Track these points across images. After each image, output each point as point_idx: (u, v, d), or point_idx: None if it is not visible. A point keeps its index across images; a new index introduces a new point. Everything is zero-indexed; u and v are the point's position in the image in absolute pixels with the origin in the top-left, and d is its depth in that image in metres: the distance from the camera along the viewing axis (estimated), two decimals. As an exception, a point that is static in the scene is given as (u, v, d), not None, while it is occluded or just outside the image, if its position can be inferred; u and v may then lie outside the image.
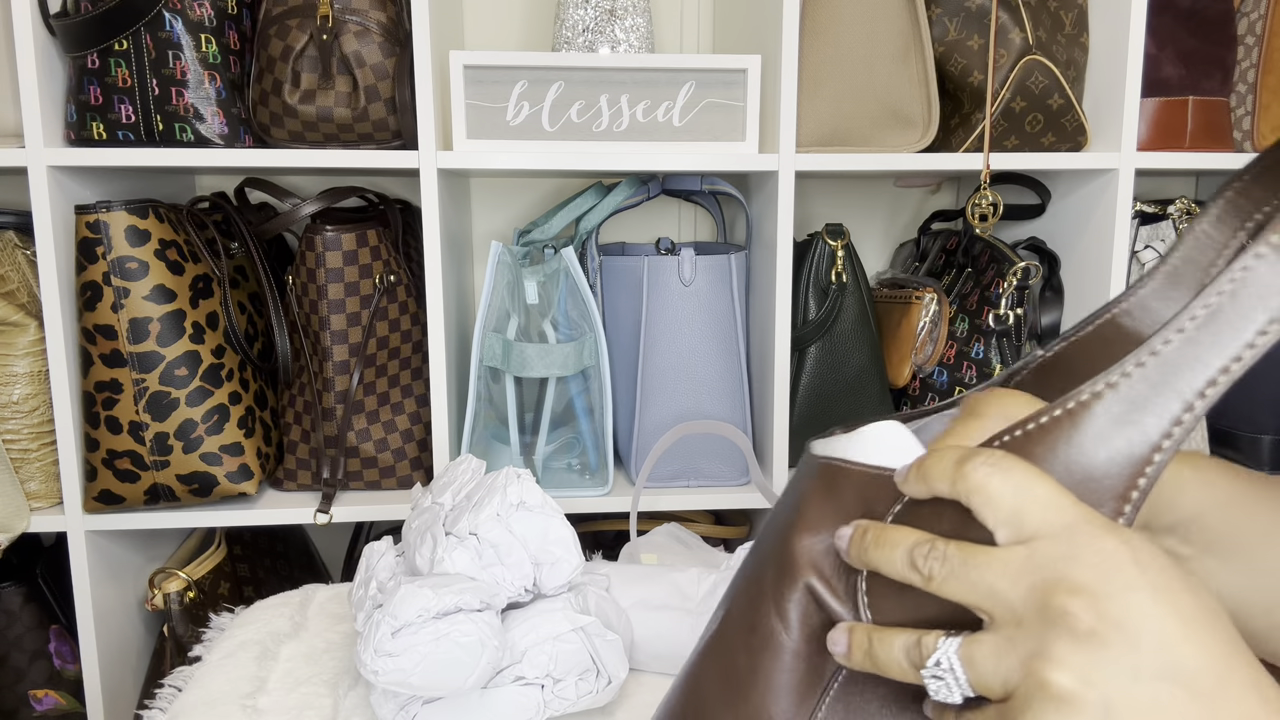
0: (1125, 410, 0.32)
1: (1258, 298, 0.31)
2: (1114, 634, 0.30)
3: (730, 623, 0.41)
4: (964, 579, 0.33)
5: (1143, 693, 0.30)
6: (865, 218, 1.42)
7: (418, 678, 0.57)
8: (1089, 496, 0.33)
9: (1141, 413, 0.32)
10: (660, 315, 1.08)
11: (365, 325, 1.04)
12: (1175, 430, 0.32)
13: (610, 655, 0.63)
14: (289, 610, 0.80)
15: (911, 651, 0.34)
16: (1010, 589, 0.32)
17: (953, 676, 0.33)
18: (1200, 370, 0.32)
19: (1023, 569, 0.32)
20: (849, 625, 0.37)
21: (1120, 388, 0.33)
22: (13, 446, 1.01)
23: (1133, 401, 0.32)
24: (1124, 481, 0.33)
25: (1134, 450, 0.32)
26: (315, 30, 0.97)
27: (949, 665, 0.33)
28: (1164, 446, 0.32)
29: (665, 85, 1.01)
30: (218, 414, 1.00)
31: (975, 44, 1.06)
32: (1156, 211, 1.18)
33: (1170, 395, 0.32)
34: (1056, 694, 0.30)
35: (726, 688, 0.40)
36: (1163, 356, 0.32)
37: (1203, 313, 0.32)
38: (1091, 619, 0.30)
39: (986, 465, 0.33)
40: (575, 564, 0.65)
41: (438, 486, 0.72)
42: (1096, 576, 0.31)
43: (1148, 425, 0.32)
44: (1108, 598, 0.30)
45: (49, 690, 1.09)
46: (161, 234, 0.99)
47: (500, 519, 0.64)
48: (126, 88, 0.97)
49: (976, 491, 0.33)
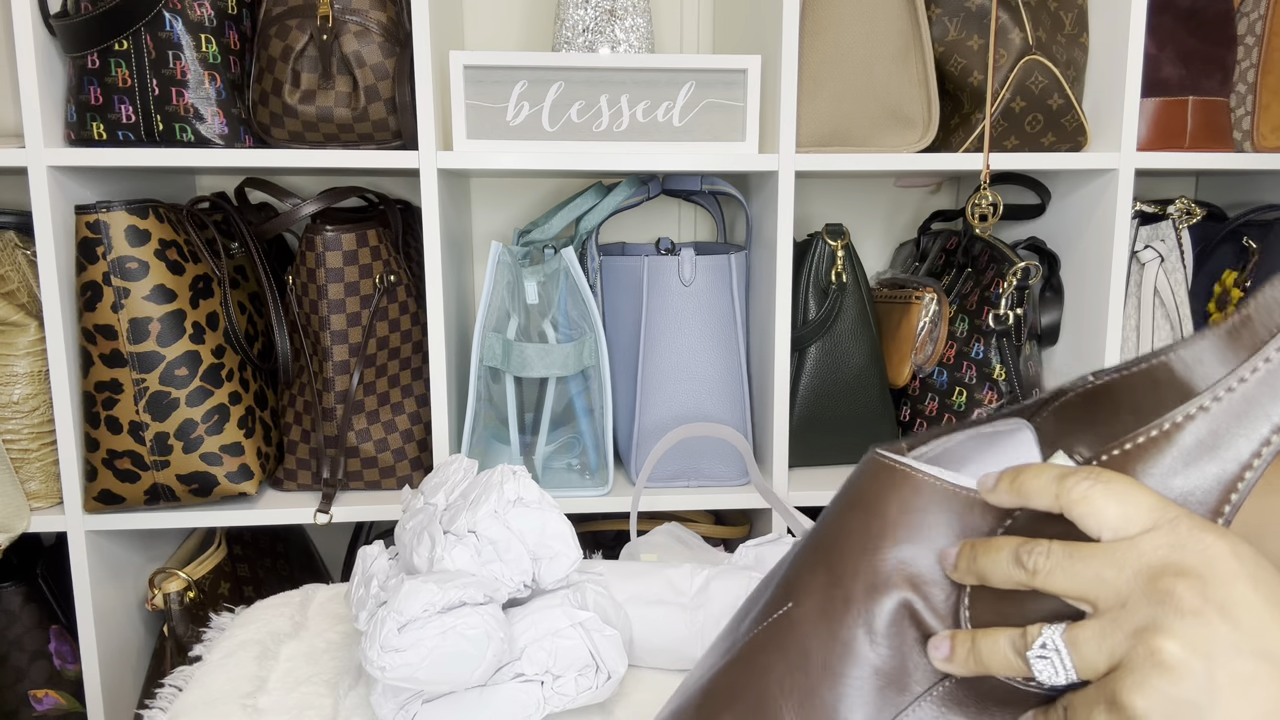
0: (1217, 431, 0.35)
1: None
2: (1217, 614, 0.32)
3: (806, 623, 0.42)
4: (1069, 570, 0.35)
5: (1242, 667, 0.32)
6: (865, 218, 1.42)
7: (425, 671, 0.57)
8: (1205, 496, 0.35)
9: (1232, 434, 0.35)
10: (660, 315, 1.08)
11: (365, 325, 1.04)
12: (1264, 450, 0.34)
13: (609, 650, 0.63)
14: (289, 610, 0.80)
15: (1016, 641, 0.36)
16: (1117, 575, 0.34)
17: (1058, 656, 0.35)
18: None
19: (1128, 557, 0.34)
20: (951, 631, 0.39)
21: (1213, 410, 0.35)
22: (13, 446, 1.01)
23: (1225, 423, 0.35)
24: (1216, 498, 0.35)
25: (1225, 469, 0.35)
26: (315, 30, 0.97)
27: (1055, 646, 0.35)
28: (1254, 465, 0.34)
29: (665, 85, 1.01)
30: (218, 414, 1.00)
31: (975, 44, 1.06)
32: (1156, 211, 1.18)
33: (1260, 418, 0.34)
34: (1164, 660, 0.32)
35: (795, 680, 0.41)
36: (1252, 382, 0.35)
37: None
38: (1197, 599, 0.32)
39: (1089, 480, 0.36)
40: (574, 558, 0.65)
41: (429, 487, 0.72)
42: (1201, 563, 0.33)
43: (1239, 445, 0.35)
44: (1212, 582, 0.33)
45: (49, 690, 1.09)
46: (162, 234, 0.99)
47: (498, 516, 0.64)
48: (127, 88, 0.97)
49: (1080, 503, 0.36)
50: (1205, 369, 0.44)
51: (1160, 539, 0.34)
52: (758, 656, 0.43)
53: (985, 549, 0.38)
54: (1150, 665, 0.32)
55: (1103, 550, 0.35)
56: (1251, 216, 1.21)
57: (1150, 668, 0.32)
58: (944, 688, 0.39)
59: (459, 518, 0.64)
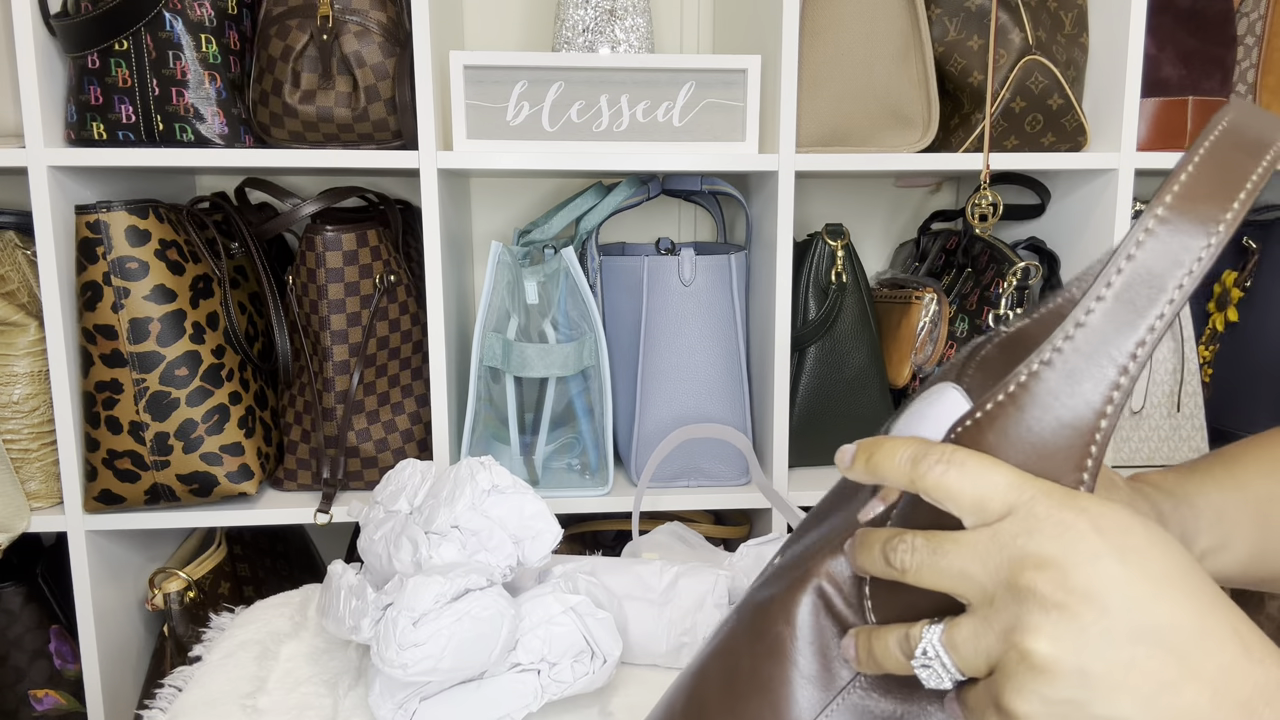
0: (1064, 383, 0.33)
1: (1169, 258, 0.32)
2: (1082, 603, 0.31)
3: (739, 627, 0.41)
4: (934, 567, 0.34)
5: (1118, 656, 0.30)
6: (865, 218, 1.42)
7: (448, 660, 0.57)
8: (1047, 470, 0.34)
9: (1080, 383, 0.33)
10: (660, 315, 1.08)
11: (365, 325, 1.04)
12: (1115, 394, 0.33)
13: (603, 634, 0.64)
14: (289, 610, 0.80)
15: (903, 644, 0.35)
16: (980, 571, 0.33)
17: (939, 663, 0.34)
18: (1128, 333, 0.32)
19: (989, 550, 0.33)
20: (854, 630, 0.38)
21: (1055, 364, 0.33)
22: (13, 446, 1.01)
23: (1070, 374, 0.33)
24: (1078, 450, 0.33)
25: (1080, 419, 0.33)
26: (315, 30, 0.97)
27: (934, 653, 0.34)
28: (1108, 411, 0.33)
29: (665, 85, 1.01)
30: (218, 414, 1.00)
31: (975, 44, 1.06)
32: (1156, 211, 1.17)
33: (1104, 362, 0.33)
34: (1035, 663, 0.31)
35: (728, 692, 0.41)
36: (1089, 327, 0.33)
37: (1118, 279, 0.33)
38: (1058, 591, 0.31)
39: (942, 462, 0.34)
40: (556, 533, 0.66)
41: (385, 496, 0.72)
42: (1059, 549, 0.31)
43: (1088, 393, 0.33)
44: (1072, 568, 0.31)
45: (49, 690, 1.09)
46: (162, 234, 0.99)
47: (476, 507, 0.65)
48: (127, 88, 0.97)
49: (935, 488, 0.34)
50: None
51: (1017, 526, 0.32)
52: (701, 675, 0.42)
53: (860, 542, 0.37)
54: (1024, 669, 0.31)
55: (965, 544, 0.33)
56: (1251, 216, 1.21)
57: (1024, 672, 0.31)
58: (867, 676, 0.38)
59: (437, 516, 0.65)
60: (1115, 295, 0.33)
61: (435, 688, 0.62)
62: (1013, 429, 0.34)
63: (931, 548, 0.34)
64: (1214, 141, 0.34)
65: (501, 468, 0.67)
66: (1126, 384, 0.32)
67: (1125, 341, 0.32)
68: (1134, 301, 0.32)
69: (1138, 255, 0.33)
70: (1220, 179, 0.33)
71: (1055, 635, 0.31)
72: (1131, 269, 0.32)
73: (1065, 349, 0.33)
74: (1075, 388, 0.33)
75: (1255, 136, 0.34)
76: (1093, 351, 0.33)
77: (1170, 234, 0.32)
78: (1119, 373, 0.33)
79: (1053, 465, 0.34)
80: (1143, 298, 0.32)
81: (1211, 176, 0.33)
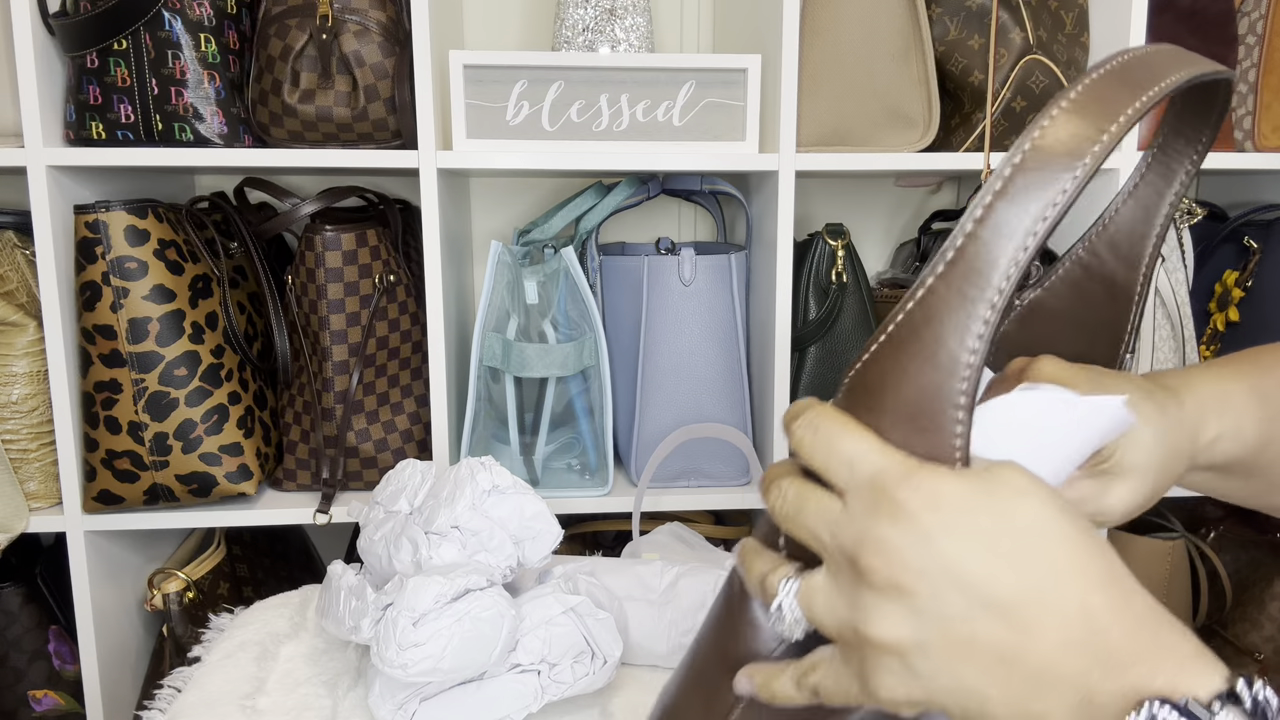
0: (929, 326, 0.33)
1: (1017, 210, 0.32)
2: (917, 583, 0.31)
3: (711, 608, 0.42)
4: (797, 521, 0.35)
5: (955, 631, 0.31)
6: (865, 218, 1.42)
7: (449, 660, 0.57)
8: (925, 415, 0.33)
9: (944, 325, 0.32)
10: (660, 315, 1.08)
11: (365, 325, 1.04)
12: (983, 329, 0.32)
13: (603, 634, 0.64)
14: (288, 611, 0.80)
15: (765, 583, 0.36)
16: (829, 539, 0.34)
17: (794, 618, 0.35)
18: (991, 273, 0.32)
19: (837, 523, 0.33)
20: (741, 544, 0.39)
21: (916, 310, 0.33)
22: (12, 446, 1.01)
23: (931, 317, 0.33)
24: (952, 391, 0.33)
25: (955, 357, 0.33)
26: (315, 30, 0.97)
27: (789, 609, 0.35)
28: (976, 348, 0.32)
29: (665, 85, 1.01)
30: (217, 414, 1.00)
31: (976, 44, 1.06)
32: (1157, 211, 1.17)
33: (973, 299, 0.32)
34: (881, 644, 0.32)
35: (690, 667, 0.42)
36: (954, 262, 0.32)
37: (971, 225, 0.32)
38: (893, 573, 0.31)
39: (801, 426, 0.35)
40: (556, 533, 0.67)
41: (385, 496, 0.72)
42: (893, 531, 0.31)
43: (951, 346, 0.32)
44: (905, 548, 0.31)
45: (48, 690, 1.09)
46: (161, 234, 0.99)
47: (476, 508, 0.65)
48: (126, 87, 0.97)
49: (799, 449, 0.35)
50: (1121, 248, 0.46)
51: (859, 505, 0.33)
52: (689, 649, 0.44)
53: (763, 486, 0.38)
54: (871, 650, 0.32)
55: (820, 507, 0.34)
56: (1252, 216, 1.20)
57: (870, 652, 0.32)
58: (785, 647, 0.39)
59: (437, 516, 0.65)
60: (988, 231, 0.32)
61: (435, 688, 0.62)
62: (891, 378, 0.34)
63: (798, 503, 0.35)
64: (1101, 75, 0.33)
65: (502, 468, 0.67)
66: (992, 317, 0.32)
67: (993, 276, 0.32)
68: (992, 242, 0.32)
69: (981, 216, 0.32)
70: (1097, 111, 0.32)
71: (893, 617, 0.31)
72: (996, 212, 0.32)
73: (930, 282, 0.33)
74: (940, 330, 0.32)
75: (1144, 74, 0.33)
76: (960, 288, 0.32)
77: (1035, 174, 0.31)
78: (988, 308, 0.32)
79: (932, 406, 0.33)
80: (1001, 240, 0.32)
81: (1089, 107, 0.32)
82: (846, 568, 0.33)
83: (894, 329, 0.33)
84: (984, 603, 0.30)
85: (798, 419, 0.35)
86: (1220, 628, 1.22)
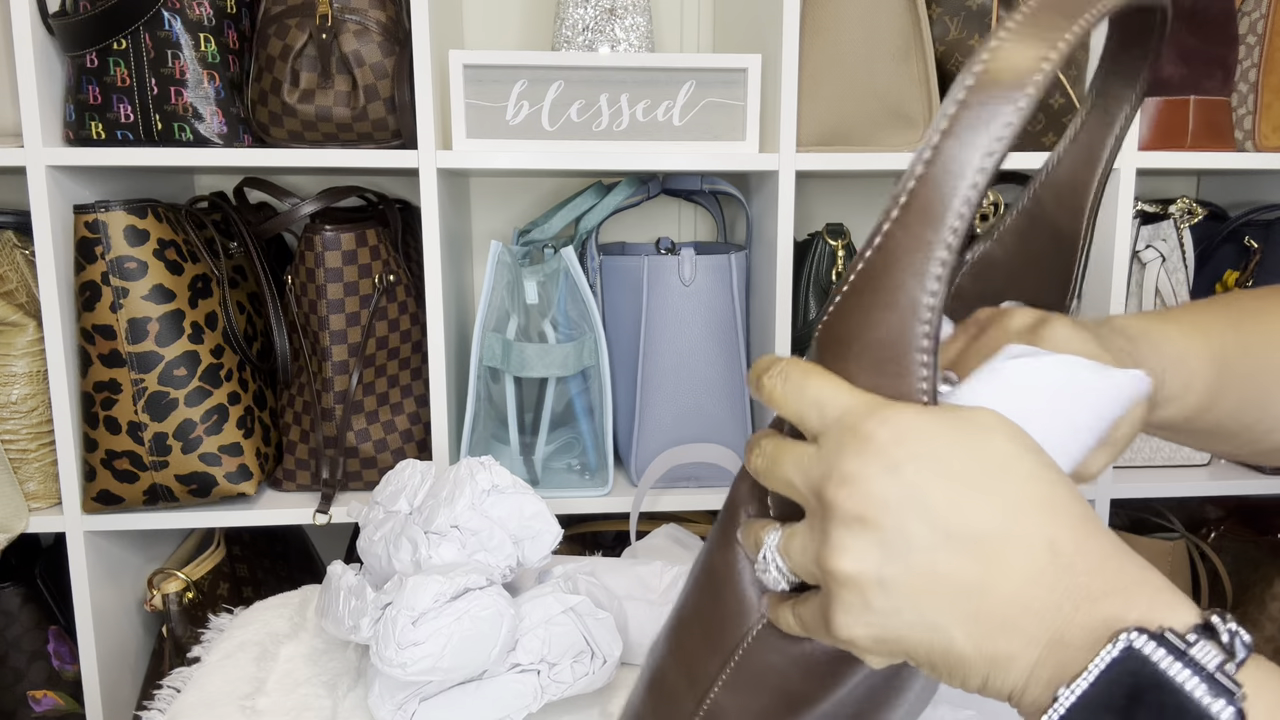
0: (889, 272, 0.33)
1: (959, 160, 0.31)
2: (881, 514, 0.31)
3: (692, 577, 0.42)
4: (773, 474, 0.35)
5: (918, 561, 0.30)
6: (866, 217, 1.42)
7: (448, 659, 0.57)
8: (891, 360, 0.33)
9: (904, 269, 0.32)
10: (660, 315, 1.08)
11: (364, 325, 1.04)
12: (941, 270, 0.32)
13: (603, 634, 0.64)
14: (288, 611, 0.80)
15: (759, 536, 0.36)
16: (802, 483, 0.34)
17: (775, 566, 0.35)
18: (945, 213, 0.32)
19: (809, 465, 0.33)
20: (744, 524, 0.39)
21: (876, 257, 0.33)
22: (11, 447, 1.01)
23: (891, 263, 0.33)
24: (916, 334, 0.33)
25: (915, 300, 0.32)
26: (314, 29, 0.97)
27: (771, 558, 0.35)
28: (935, 289, 0.32)
29: (665, 85, 1.00)
30: (217, 414, 1.00)
31: (976, 43, 1.06)
32: (1157, 211, 1.17)
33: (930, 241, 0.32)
34: (844, 579, 0.31)
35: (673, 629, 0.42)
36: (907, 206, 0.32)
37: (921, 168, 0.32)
38: (858, 504, 0.31)
39: (770, 377, 0.35)
40: (556, 533, 0.66)
41: (385, 496, 0.72)
42: (860, 463, 0.31)
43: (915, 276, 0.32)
44: (871, 479, 0.31)
45: (48, 691, 1.09)
46: (160, 234, 0.99)
47: (475, 508, 0.65)
48: (125, 87, 0.97)
49: (770, 400, 0.35)
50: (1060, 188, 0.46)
51: (830, 442, 0.33)
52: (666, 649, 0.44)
53: (747, 445, 0.38)
54: (836, 586, 0.32)
55: (794, 454, 0.34)
56: (1253, 216, 1.20)
57: (836, 588, 0.32)
58: None
59: (437, 516, 0.65)
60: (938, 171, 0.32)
61: (435, 688, 0.61)
62: (855, 326, 0.34)
63: (773, 456, 0.35)
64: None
65: (501, 468, 0.67)
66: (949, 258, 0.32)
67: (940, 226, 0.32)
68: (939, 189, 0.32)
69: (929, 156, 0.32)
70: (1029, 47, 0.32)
71: (856, 550, 0.31)
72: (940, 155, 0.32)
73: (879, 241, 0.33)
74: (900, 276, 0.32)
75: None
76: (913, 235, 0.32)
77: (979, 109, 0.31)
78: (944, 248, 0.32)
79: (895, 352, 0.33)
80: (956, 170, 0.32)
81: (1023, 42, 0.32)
82: (817, 507, 0.33)
83: (855, 279, 0.34)
84: (948, 533, 0.30)
85: (767, 371, 0.36)
86: (1221, 628, 1.22)
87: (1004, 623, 0.29)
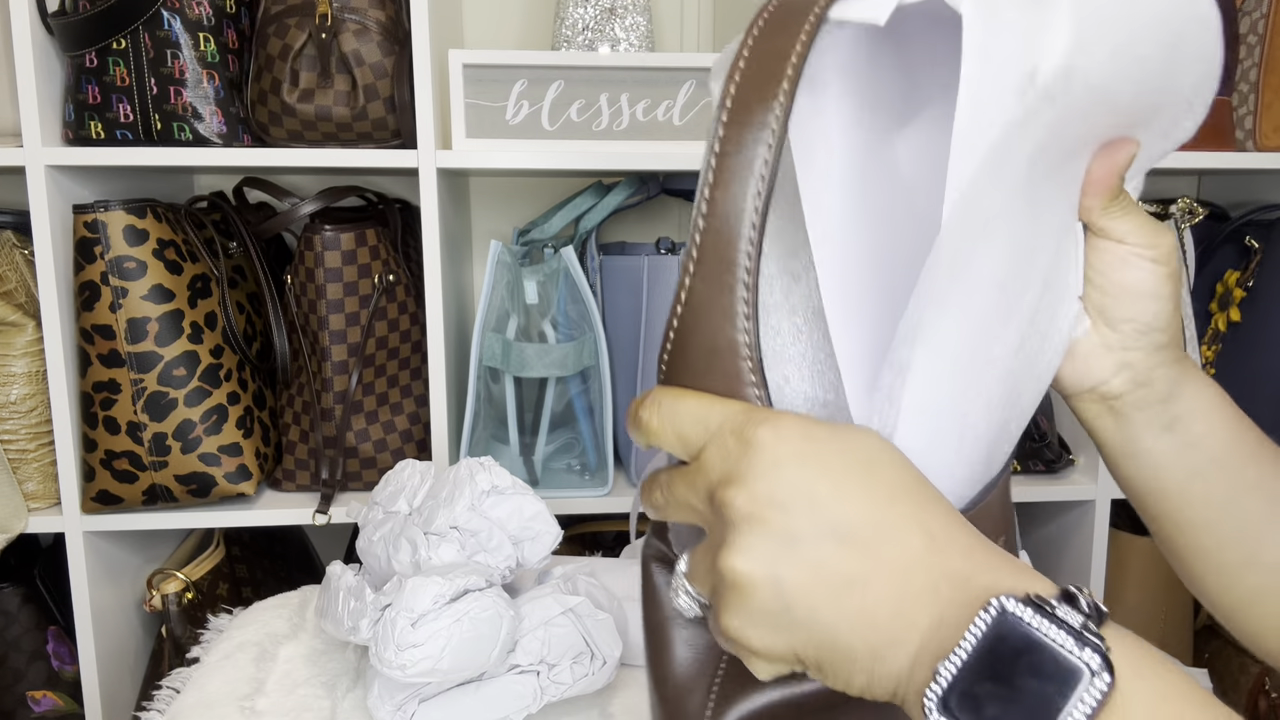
0: (700, 323, 0.34)
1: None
2: (768, 511, 0.31)
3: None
4: (672, 503, 0.35)
5: (805, 556, 0.31)
6: (866, 217, 1.42)
7: (447, 660, 0.57)
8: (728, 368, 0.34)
9: (713, 316, 0.34)
10: (660, 315, 1.08)
11: (364, 325, 1.04)
12: (746, 308, 0.33)
13: (602, 635, 0.64)
14: (287, 612, 0.79)
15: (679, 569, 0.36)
16: (697, 500, 0.34)
17: (685, 592, 0.35)
18: (734, 255, 0.33)
19: (699, 478, 0.34)
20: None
21: (687, 314, 0.34)
22: (10, 447, 1.01)
23: (700, 314, 0.34)
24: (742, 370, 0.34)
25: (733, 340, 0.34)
26: (314, 29, 0.97)
27: (679, 584, 0.35)
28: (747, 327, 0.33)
29: (665, 84, 1.00)
30: (216, 414, 1.00)
31: (976, 43, 1.05)
32: (1158, 211, 1.17)
33: (729, 284, 0.33)
34: (735, 580, 0.31)
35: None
36: (700, 260, 0.34)
37: (701, 221, 0.33)
38: (745, 503, 0.31)
39: (645, 409, 0.35)
40: (555, 534, 0.67)
41: (384, 497, 0.72)
42: (744, 465, 0.32)
43: (726, 319, 0.33)
44: (756, 479, 0.31)
45: (47, 691, 1.09)
46: (160, 233, 0.99)
47: (475, 508, 0.64)
48: (125, 87, 0.97)
49: (649, 434, 0.35)
50: None
51: (713, 453, 0.33)
52: None
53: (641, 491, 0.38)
54: (726, 588, 0.32)
55: (685, 476, 0.34)
56: (1254, 216, 1.20)
57: (727, 590, 0.32)
58: None
59: (436, 517, 0.65)
60: (717, 221, 0.33)
61: (434, 689, 0.61)
62: (694, 339, 0.35)
63: (667, 484, 0.35)
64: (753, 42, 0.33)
65: (501, 468, 0.67)
66: (752, 251, 0.33)
67: (736, 267, 0.33)
68: (724, 238, 0.33)
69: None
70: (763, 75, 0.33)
71: (748, 548, 0.31)
72: (711, 217, 0.33)
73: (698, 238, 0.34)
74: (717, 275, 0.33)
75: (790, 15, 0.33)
76: (718, 243, 0.33)
77: (735, 156, 0.33)
78: (746, 242, 0.33)
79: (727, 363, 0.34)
80: (733, 216, 0.33)
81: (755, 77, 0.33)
82: (712, 516, 0.33)
83: (675, 338, 0.35)
84: (833, 526, 0.31)
85: (641, 406, 0.36)
86: (1221, 628, 1.22)
87: (888, 611, 0.30)
